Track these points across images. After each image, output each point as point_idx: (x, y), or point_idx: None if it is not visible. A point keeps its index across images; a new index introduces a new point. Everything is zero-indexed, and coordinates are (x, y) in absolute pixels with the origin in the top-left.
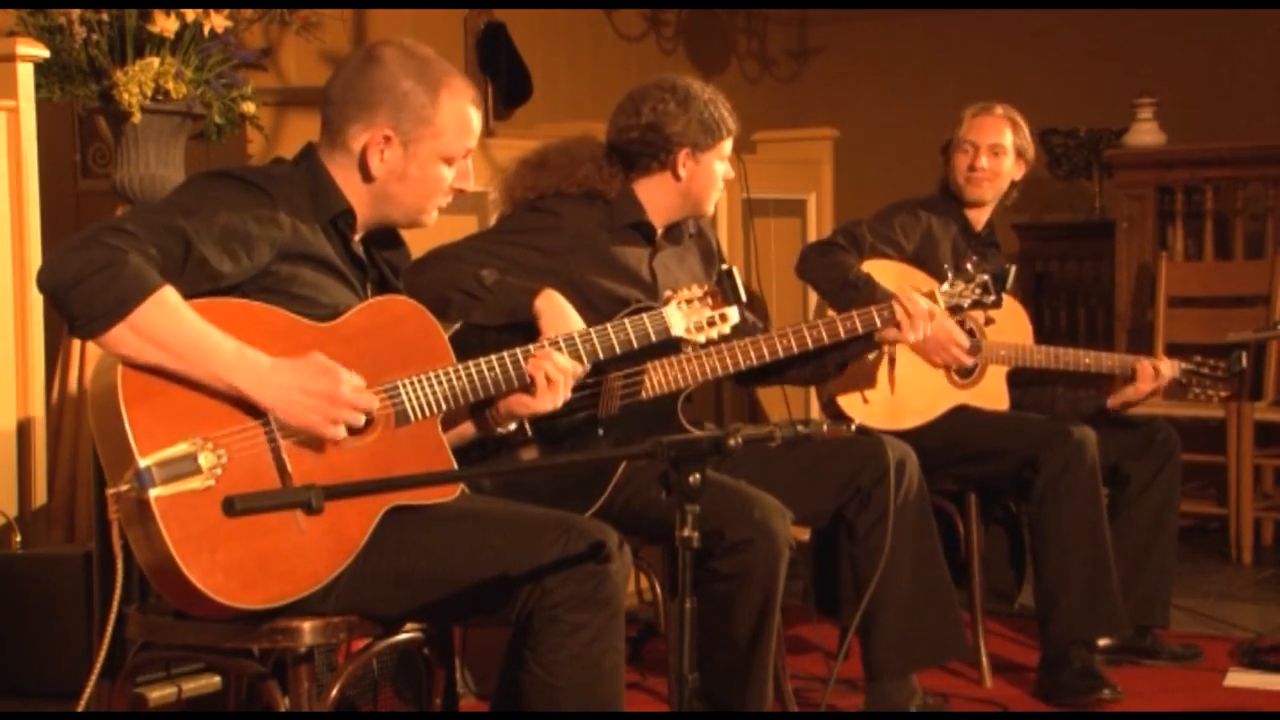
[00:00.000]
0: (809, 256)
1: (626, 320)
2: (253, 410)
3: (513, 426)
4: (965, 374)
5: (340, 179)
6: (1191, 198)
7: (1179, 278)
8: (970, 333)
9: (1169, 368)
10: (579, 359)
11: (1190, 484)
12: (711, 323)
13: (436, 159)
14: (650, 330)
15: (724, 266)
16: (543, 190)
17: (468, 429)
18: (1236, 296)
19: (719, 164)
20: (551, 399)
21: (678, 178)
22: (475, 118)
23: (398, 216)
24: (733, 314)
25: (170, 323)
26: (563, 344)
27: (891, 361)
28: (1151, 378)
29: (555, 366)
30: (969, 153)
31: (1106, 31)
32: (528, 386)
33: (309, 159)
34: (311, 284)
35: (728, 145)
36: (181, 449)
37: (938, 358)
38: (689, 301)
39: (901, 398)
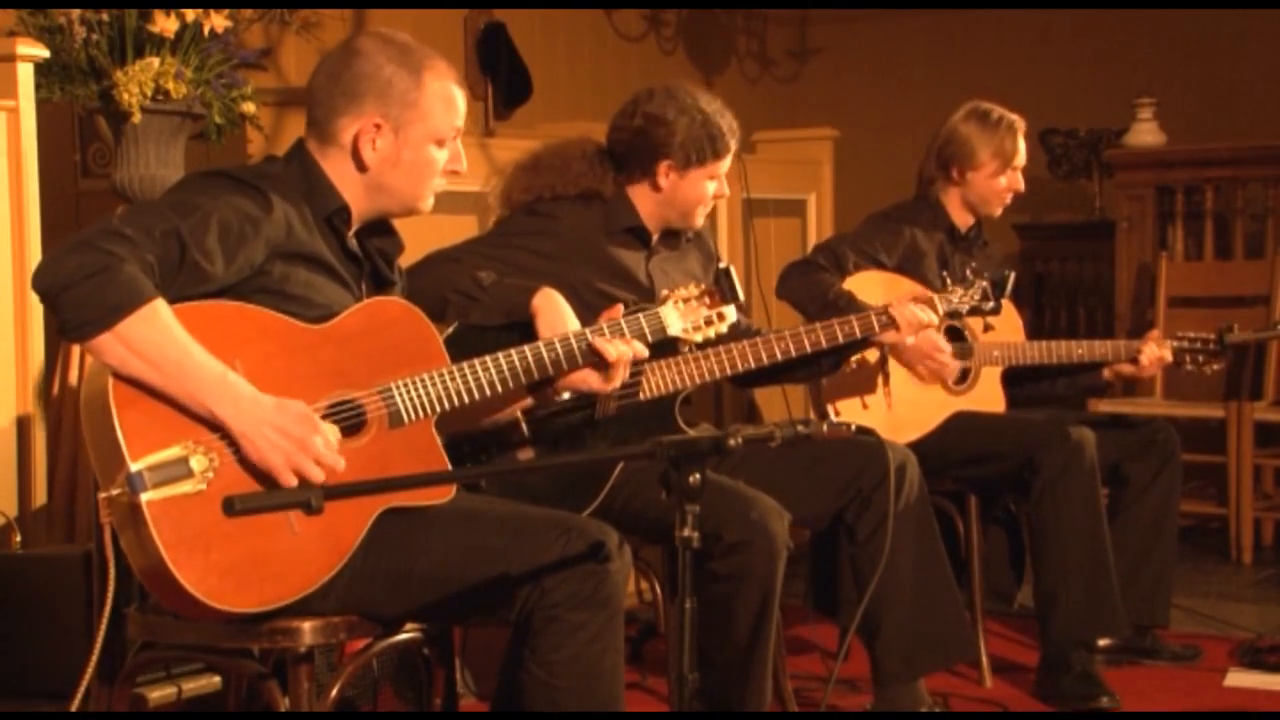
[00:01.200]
0: (789, 277)
1: (623, 320)
2: None
3: (566, 395)
4: (960, 380)
5: (333, 173)
6: (1191, 198)
7: (1179, 278)
8: (960, 336)
9: (1169, 352)
10: (574, 361)
11: (1190, 484)
12: (709, 322)
13: (427, 141)
14: (646, 330)
15: (721, 265)
16: (538, 191)
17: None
18: (1236, 296)
19: (709, 183)
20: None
21: (657, 188)
22: (460, 97)
23: (394, 206)
24: (730, 313)
25: (157, 337)
26: (558, 346)
27: (886, 377)
28: (1158, 363)
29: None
30: (1012, 176)
31: (1106, 31)
32: (534, 390)
33: (301, 156)
34: (305, 284)
35: (721, 165)
36: (173, 452)
37: (921, 368)
38: (686, 301)
39: (899, 412)
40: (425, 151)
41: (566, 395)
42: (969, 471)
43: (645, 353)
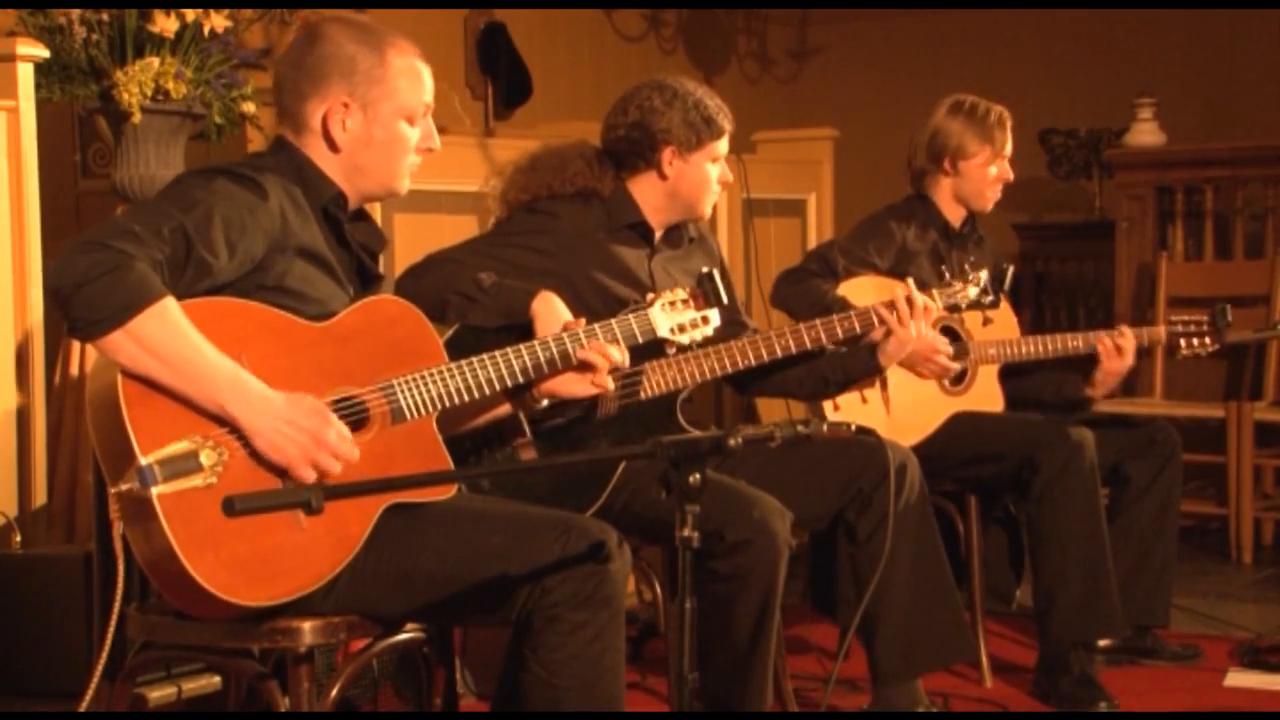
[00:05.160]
0: (781, 285)
1: (613, 321)
2: None
3: (545, 403)
4: (957, 380)
5: (318, 161)
6: (1191, 198)
7: (1179, 278)
8: (955, 336)
9: (1134, 338)
10: (568, 360)
11: (1190, 484)
12: (694, 324)
13: (397, 118)
14: (636, 330)
15: (704, 270)
16: (535, 191)
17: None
18: (1236, 296)
19: (711, 166)
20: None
21: (664, 176)
22: (426, 72)
23: (373, 187)
24: (714, 317)
25: (168, 335)
26: (552, 344)
27: (884, 382)
28: (1113, 354)
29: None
30: (1002, 165)
31: (1106, 31)
32: (529, 386)
33: (286, 149)
34: (302, 278)
35: (720, 146)
36: (183, 446)
37: (924, 369)
38: (672, 304)
39: (898, 418)
40: (396, 128)
41: (546, 403)
42: (969, 471)
43: (626, 360)
